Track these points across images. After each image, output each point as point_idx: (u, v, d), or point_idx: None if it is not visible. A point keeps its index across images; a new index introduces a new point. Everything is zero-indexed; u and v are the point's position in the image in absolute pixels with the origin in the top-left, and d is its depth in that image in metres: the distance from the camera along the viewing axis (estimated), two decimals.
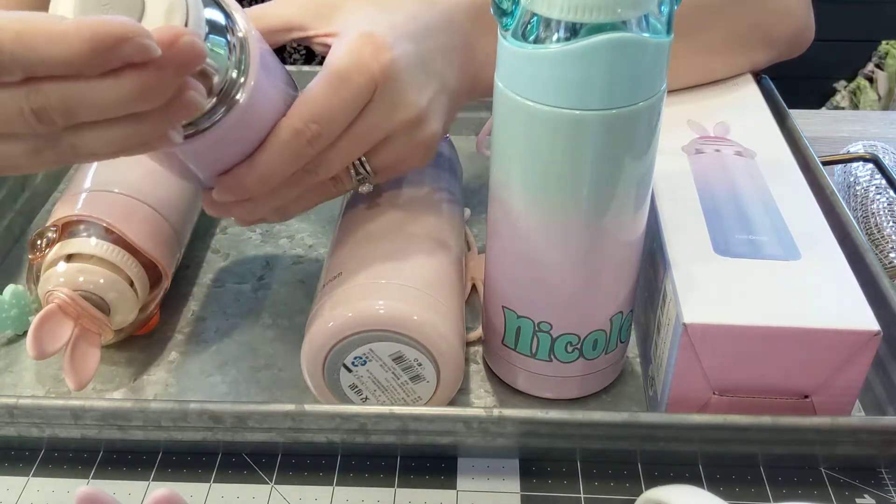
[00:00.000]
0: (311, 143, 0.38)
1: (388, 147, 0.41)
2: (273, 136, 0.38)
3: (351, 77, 0.38)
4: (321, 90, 0.38)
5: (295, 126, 0.38)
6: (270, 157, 0.38)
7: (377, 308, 0.39)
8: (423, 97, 0.41)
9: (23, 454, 0.41)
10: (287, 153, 0.38)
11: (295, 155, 0.38)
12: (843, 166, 0.60)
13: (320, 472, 0.40)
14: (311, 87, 0.39)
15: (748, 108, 0.54)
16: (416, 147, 0.42)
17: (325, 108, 0.38)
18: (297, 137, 0.38)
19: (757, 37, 0.56)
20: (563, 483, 0.40)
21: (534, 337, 0.41)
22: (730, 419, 0.38)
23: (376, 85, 0.39)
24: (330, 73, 0.39)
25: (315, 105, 0.38)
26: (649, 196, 0.39)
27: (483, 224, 0.56)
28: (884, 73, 1.81)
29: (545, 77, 0.35)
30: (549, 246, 0.39)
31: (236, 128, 0.36)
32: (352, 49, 0.39)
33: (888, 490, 0.39)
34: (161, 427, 0.39)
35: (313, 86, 0.39)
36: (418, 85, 0.41)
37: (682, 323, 0.37)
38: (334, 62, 0.39)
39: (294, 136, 0.38)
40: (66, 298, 0.42)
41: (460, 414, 0.39)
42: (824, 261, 0.40)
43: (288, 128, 0.38)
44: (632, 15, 0.33)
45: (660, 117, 0.37)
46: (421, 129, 0.42)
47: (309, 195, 0.42)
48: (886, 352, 0.42)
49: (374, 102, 0.40)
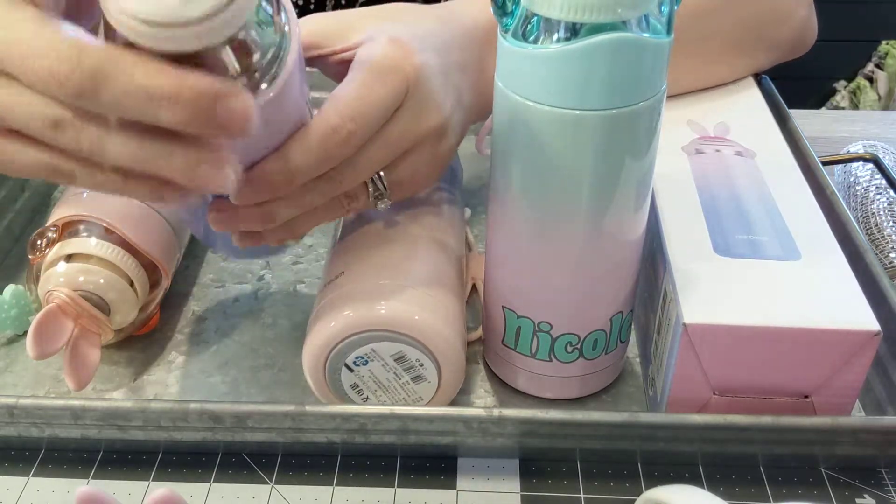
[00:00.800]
0: (345, 141, 0.36)
1: (409, 159, 0.41)
2: (308, 131, 0.36)
3: (386, 76, 0.38)
4: (357, 88, 0.37)
5: (332, 122, 0.36)
6: (303, 152, 0.36)
7: (379, 308, 0.39)
8: (446, 106, 0.41)
9: (23, 454, 0.41)
10: (321, 150, 0.36)
11: (327, 153, 0.36)
12: (843, 166, 0.60)
13: (320, 472, 0.40)
14: (344, 86, 0.38)
15: (748, 109, 0.54)
16: (434, 160, 0.42)
17: (363, 106, 0.37)
18: (334, 134, 0.36)
19: (759, 41, 0.56)
20: (563, 483, 0.40)
21: (534, 337, 0.41)
22: (730, 419, 0.38)
23: (408, 87, 0.38)
24: (366, 71, 0.38)
25: (352, 102, 0.37)
26: (649, 196, 0.39)
27: (483, 224, 0.56)
28: (884, 73, 1.81)
29: (545, 77, 0.35)
30: (549, 246, 0.39)
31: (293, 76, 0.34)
32: (385, 50, 0.38)
33: (888, 490, 0.39)
34: (161, 427, 0.39)
35: (347, 84, 0.37)
36: (443, 93, 0.40)
37: (682, 323, 0.37)
38: (368, 61, 0.38)
39: (331, 132, 0.36)
40: (66, 298, 0.42)
41: (460, 414, 0.39)
42: (824, 261, 0.40)
43: (325, 123, 0.36)
44: (632, 15, 0.33)
45: (660, 117, 0.37)
46: (442, 140, 0.41)
47: (322, 210, 0.40)
48: (886, 352, 0.42)
49: (405, 108, 0.39)
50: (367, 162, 0.39)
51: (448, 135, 0.41)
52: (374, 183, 0.40)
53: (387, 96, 0.37)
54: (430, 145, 0.41)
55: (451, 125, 0.41)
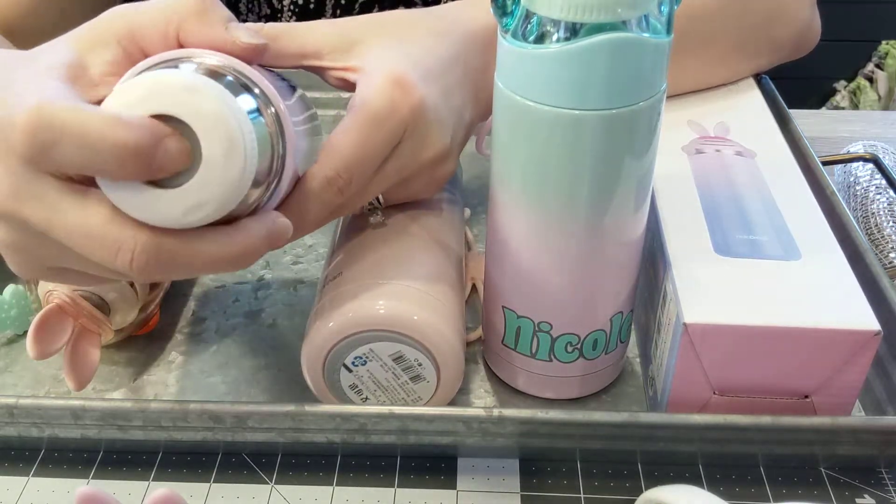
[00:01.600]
0: (341, 191, 0.37)
1: (407, 184, 0.41)
2: (303, 187, 0.37)
3: (383, 122, 0.38)
4: (353, 138, 0.37)
5: (326, 175, 0.37)
6: (300, 207, 0.37)
7: (377, 308, 0.39)
8: (447, 134, 0.41)
9: (23, 454, 0.41)
10: (317, 203, 0.37)
11: (324, 204, 0.37)
12: (843, 166, 0.60)
13: (320, 472, 0.40)
14: (340, 132, 0.37)
15: (748, 109, 0.54)
16: (432, 182, 0.42)
17: (357, 156, 0.37)
18: (329, 187, 0.37)
19: (761, 42, 0.56)
20: (563, 483, 0.40)
21: (534, 337, 0.41)
22: (730, 419, 0.38)
23: (406, 128, 0.39)
24: (363, 118, 0.38)
25: (346, 153, 0.37)
26: (649, 196, 0.39)
27: (483, 224, 0.56)
28: (884, 73, 1.81)
29: (545, 77, 0.35)
30: (549, 246, 0.39)
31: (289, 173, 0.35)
32: (382, 93, 0.38)
33: (888, 490, 0.39)
34: (161, 427, 0.39)
35: (343, 132, 0.37)
36: (442, 122, 0.41)
37: (683, 323, 0.37)
38: (366, 106, 0.38)
39: (325, 185, 0.37)
40: (66, 298, 0.42)
41: (460, 414, 0.39)
42: (824, 261, 0.40)
43: (319, 177, 0.37)
44: (632, 15, 0.33)
45: (660, 117, 0.37)
46: (441, 166, 0.42)
47: None
48: (886, 352, 0.42)
49: (403, 145, 0.39)
50: (362, 196, 0.40)
51: (447, 160, 0.42)
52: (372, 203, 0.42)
53: (381, 143, 0.38)
54: (429, 171, 0.41)
55: (451, 150, 0.42)
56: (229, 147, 0.30)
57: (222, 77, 0.33)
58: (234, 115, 0.31)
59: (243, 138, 0.31)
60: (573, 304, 0.40)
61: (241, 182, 0.31)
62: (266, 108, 0.34)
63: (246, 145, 0.31)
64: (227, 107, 0.30)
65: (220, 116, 0.30)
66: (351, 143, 0.37)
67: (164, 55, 0.34)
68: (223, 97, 0.31)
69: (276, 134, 0.34)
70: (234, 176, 0.31)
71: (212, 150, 0.30)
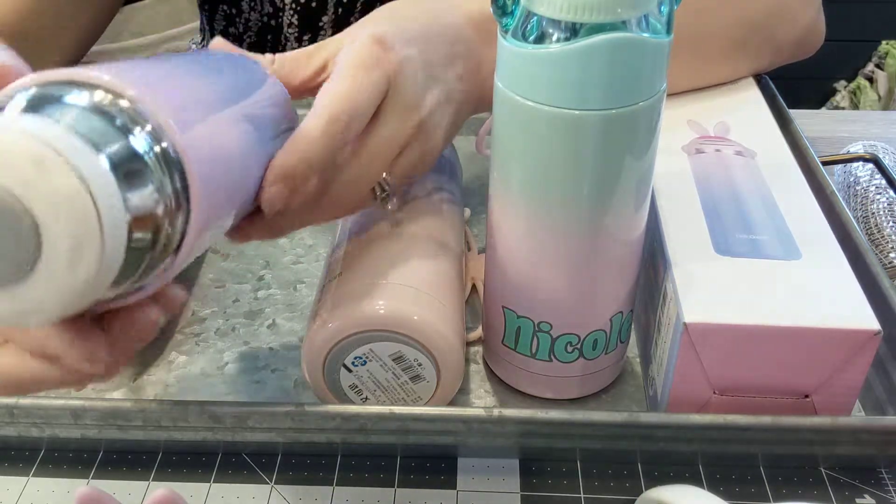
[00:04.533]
0: (346, 128, 0.38)
1: (403, 157, 0.41)
2: (309, 125, 0.37)
3: (369, 70, 0.39)
4: (344, 83, 0.38)
5: (332, 112, 0.37)
6: (310, 142, 0.37)
7: (377, 308, 0.39)
8: (429, 100, 0.41)
9: (23, 454, 0.41)
10: (327, 138, 0.37)
11: (333, 141, 0.37)
12: (843, 166, 0.60)
13: (320, 472, 0.40)
14: (331, 83, 0.38)
15: (748, 108, 0.54)
16: (424, 154, 0.42)
17: (353, 96, 0.38)
18: (335, 123, 0.37)
19: (763, 42, 0.56)
20: (563, 483, 0.40)
21: (534, 337, 0.41)
22: (730, 419, 0.38)
23: (389, 81, 0.39)
24: (349, 67, 0.39)
25: (343, 93, 0.38)
26: (649, 196, 0.39)
27: (483, 224, 0.56)
28: (884, 73, 1.81)
29: (545, 77, 0.35)
30: (549, 246, 0.39)
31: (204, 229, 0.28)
32: (363, 48, 0.39)
33: (888, 490, 0.39)
34: (161, 427, 0.39)
35: (334, 81, 0.38)
36: (425, 87, 0.41)
37: (683, 322, 0.37)
38: (349, 59, 0.39)
39: (332, 121, 0.37)
40: None
41: (460, 414, 0.39)
42: (824, 260, 0.40)
43: (326, 114, 0.37)
44: (632, 15, 0.33)
45: (660, 117, 0.37)
46: (427, 135, 0.42)
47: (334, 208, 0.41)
48: (886, 352, 0.42)
49: (390, 105, 0.39)
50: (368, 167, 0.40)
51: (433, 130, 0.42)
52: (380, 185, 0.41)
53: (372, 85, 0.38)
54: (417, 141, 0.41)
55: (435, 118, 0.42)
56: (77, 245, 0.23)
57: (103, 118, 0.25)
58: (96, 198, 0.23)
59: (100, 232, 0.23)
60: (573, 304, 0.40)
61: (93, 286, 0.24)
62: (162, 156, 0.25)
63: (106, 240, 0.23)
64: (82, 190, 0.22)
65: (71, 202, 0.22)
66: (343, 86, 0.38)
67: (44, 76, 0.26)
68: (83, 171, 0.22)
69: (171, 200, 0.26)
70: (79, 281, 0.23)
71: (54, 246, 0.23)
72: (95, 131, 0.24)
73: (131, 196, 0.24)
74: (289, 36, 0.74)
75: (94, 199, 0.23)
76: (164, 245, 0.26)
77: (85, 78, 0.25)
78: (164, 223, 0.26)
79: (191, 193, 0.26)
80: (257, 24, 0.75)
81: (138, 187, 0.25)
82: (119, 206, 0.23)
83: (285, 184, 0.36)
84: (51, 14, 0.59)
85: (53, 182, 0.22)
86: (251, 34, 0.76)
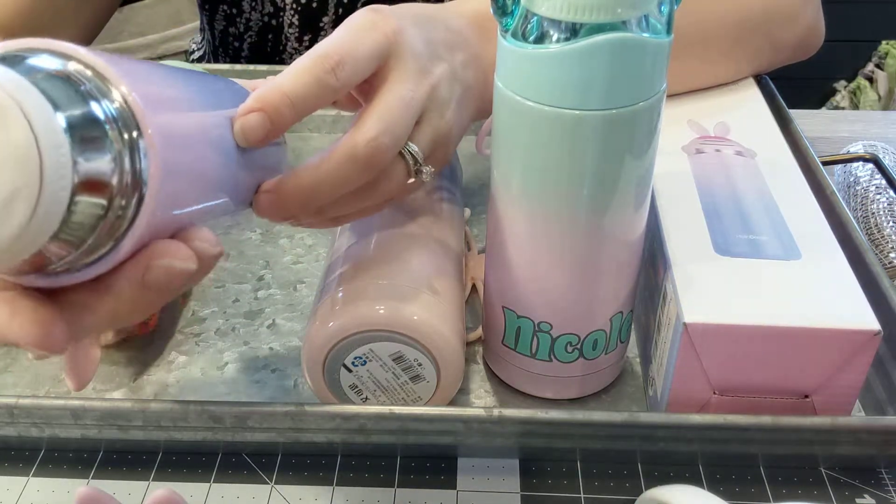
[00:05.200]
0: (334, 69, 0.36)
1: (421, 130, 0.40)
2: (296, 62, 0.36)
3: (367, 30, 0.38)
4: (338, 33, 0.38)
5: (317, 51, 0.36)
6: (292, 75, 0.36)
7: (377, 308, 0.39)
8: (437, 70, 0.41)
9: (23, 454, 0.41)
10: (308, 73, 0.36)
11: (316, 77, 0.36)
12: (843, 166, 0.60)
13: (320, 472, 0.40)
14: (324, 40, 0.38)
15: (748, 109, 0.54)
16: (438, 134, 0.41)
17: (344, 41, 0.37)
18: (321, 60, 0.36)
19: (762, 44, 0.56)
20: (563, 483, 0.40)
21: (534, 337, 0.41)
22: (730, 419, 0.38)
23: (390, 46, 0.38)
24: (344, 26, 0.38)
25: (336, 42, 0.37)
26: (649, 196, 0.39)
27: (483, 224, 0.56)
28: (884, 73, 1.81)
29: (545, 77, 0.35)
30: (549, 246, 0.39)
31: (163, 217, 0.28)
32: (361, 14, 0.39)
33: (888, 490, 0.39)
34: (161, 427, 0.39)
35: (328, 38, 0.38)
36: (430, 57, 0.40)
37: (683, 322, 0.37)
38: (345, 23, 0.39)
39: (321, 60, 0.36)
40: None
41: (460, 414, 0.39)
42: (824, 260, 0.40)
43: (310, 54, 0.37)
44: (632, 15, 0.33)
45: (660, 117, 0.37)
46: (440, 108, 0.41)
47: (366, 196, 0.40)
48: (886, 352, 0.42)
49: (396, 69, 0.39)
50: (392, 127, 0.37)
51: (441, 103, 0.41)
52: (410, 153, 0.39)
53: (369, 43, 0.38)
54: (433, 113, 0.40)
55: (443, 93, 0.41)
56: (14, 192, 0.22)
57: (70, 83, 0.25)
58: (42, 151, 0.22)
59: (40, 184, 0.22)
60: (573, 303, 0.40)
61: (24, 240, 0.23)
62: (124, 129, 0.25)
63: (44, 194, 0.23)
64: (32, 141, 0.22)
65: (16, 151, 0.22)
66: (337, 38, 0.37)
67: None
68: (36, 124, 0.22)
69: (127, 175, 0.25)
70: (11, 228, 0.23)
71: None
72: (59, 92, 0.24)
73: (83, 159, 0.24)
74: (289, 36, 0.74)
75: (40, 152, 0.22)
76: (113, 221, 0.26)
77: (60, 48, 0.26)
78: (116, 197, 0.25)
79: (149, 175, 0.26)
80: (258, 24, 0.75)
81: (92, 152, 0.24)
82: (66, 163, 0.23)
83: (263, 112, 0.34)
84: (50, 13, 0.59)
85: (6, 130, 0.22)
86: (252, 34, 0.76)
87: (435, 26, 0.43)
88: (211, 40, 0.81)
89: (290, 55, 0.75)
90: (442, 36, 0.43)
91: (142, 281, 0.28)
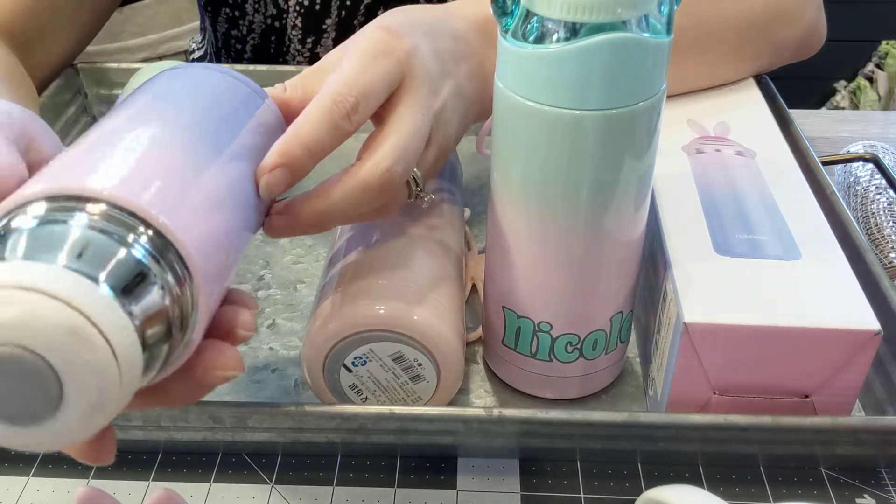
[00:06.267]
0: (352, 110, 0.36)
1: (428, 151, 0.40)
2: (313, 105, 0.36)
3: (378, 57, 0.38)
4: (352, 66, 0.38)
5: (333, 93, 0.36)
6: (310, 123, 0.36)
7: (377, 308, 0.39)
8: (445, 90, 0.41)
9: (23, 454, 0.41)
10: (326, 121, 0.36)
11: (334, 123, 0.36)
12: (843, 166, 0.60)
13: (320, 472, 0.40)
14: (337, 71, 0.38)
15: (748, 108, 0.54)
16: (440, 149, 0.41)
17: (360, 80, 0.37)
18: (337, 105, 0.36)
19: (762, 44, 0.56)
20: (563, 483, 0.40)
21: (534, 337, 0.41)
22: (730, 419, 0.38)
23: (403, 70, 0.39)
24: (357, 53, 0.38)
25: (349, 78, 0.37)
26: (649, 196, 0.39)
27: (483, 224, 0.56)
28: (884, 73, 1.81)
29: (545, 77, 0.35)
30: (549, 246, 0.39)
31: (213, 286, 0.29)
32: (370, 35, 0.39)
33: (888, 490, 0.39)
34: (161, 427, 0.39)
35: (341, 69, 0.38)
36: (439, 75, 0.41)
37: (683, 322, 0.37)
38: (358, 47, 0.39)
39: (334, 104, 0.36)
40: None
41: (460, 414, 0.39)
42: (824, 260, 0.40)
43: (327, 96, 0.36)
44: (632, 15, 0.33)
45: (660, 117, 0.37)
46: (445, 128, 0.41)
47: None
48: (886, 352, 0.42)
49: (408, 92, 0.39)
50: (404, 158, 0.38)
51: (445, 122, 0.41)
52: (413, 178, 0.40)
53: (382, 73, 0.38)
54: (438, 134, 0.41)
55: (447, 113, 0.41)
56: (98, 402, 0.24)
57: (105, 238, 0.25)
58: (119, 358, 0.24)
59: (120, 387, 0.24)
60: (573, 304, 0.40)
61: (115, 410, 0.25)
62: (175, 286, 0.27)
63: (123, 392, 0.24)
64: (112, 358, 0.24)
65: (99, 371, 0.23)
66: (350, 71, 0.37)
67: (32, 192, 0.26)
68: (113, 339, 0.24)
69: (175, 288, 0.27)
70: (99, 419, 0.24)
71: (74, 402, 0.23)
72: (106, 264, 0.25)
73: (140, 310, 0.25)
74: (292, 38, 0.74)
75: (117, 362, 0.24)
76: (179, 321, 0.27)
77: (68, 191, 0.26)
78: (174, 309, 0.27)
79: (189, 266, 0.27)
80: (261, 26, 0.75)
81: (146, 296, 0.26)
82: (134, 343, 0.24)
83: (287, 167, 0.35)
84: (49, 13, 0.59)
85: (86, 354, 0.23)
86: (255, 36, 0.76)
87: (443, 33, 0.43)
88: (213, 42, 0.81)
89: (293, 57, 0.75)
90: (449, 45, 0.43)
91: (198, 384, 0.30)
